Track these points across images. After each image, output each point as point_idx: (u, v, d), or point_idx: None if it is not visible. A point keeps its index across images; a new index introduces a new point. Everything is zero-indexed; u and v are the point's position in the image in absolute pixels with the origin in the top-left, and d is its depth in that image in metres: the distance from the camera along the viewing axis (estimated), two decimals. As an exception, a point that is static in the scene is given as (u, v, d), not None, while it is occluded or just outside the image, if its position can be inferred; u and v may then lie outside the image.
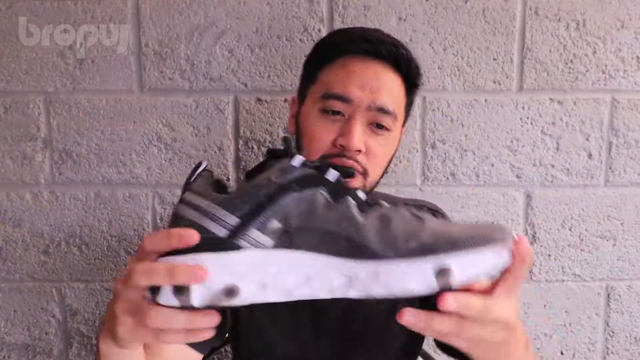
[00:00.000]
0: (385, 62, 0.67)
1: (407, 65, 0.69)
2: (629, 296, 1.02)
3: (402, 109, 0.71)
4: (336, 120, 0.66)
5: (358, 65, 0.67)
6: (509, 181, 0.99)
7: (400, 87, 0.69)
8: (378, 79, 0.66)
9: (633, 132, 0.98)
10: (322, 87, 0.68)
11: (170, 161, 0.98)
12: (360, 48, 0.67)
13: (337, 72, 0.67)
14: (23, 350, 1.03)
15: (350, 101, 0.65)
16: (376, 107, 0.65)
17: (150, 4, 0.94)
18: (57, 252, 1.00)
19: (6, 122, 0.97)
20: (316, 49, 0.73)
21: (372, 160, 0.67)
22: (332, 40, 0.72)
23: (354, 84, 0.65)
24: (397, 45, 0.68)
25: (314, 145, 0.67)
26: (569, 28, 0.95)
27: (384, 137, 0.68)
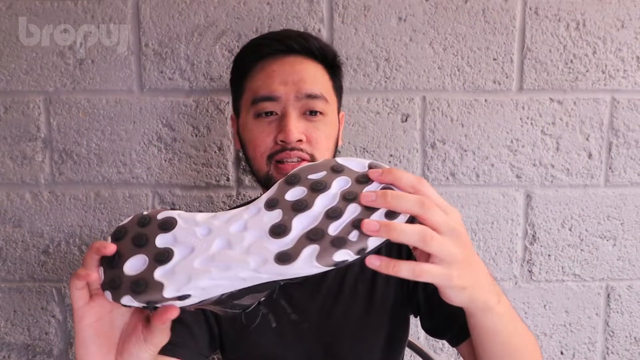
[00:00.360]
0: (300, 54, 0.71)
1: (320, 51, 0.73)
2: (629, 296, 1.02)
3: (331, 92, 0.74)
4: (271, 120, 0.70)
5: (275, 64, 0.71)
6: (509, 181, 0.99)
7: (322, 72, 0.73)
8: (298, 71, 0.70)
9: (633, 132, 0.98)
10: (250, 94, 0.72)
11: (170, 161, 0.98)
12: (273, 49, 0.71)
13: (259, 76, 0.71)
14: (23, 350, 1.03)
15: (278, 98, 0.69)
16: (304, 95, 0.69)
17: (150, 4, 0.94)
18: (57, 252, 1.00)
19: (6, 122, 0.97)
20: (234, 64, 0.77)
21: (315, 146, 0.70)
22: (246, 51, 0.75)
23: (276, 82, 0.69)
24: (305, 37, 0.72)
25: (257, 150, 0.70)
26: (569, 28, 0.95)
27: (321, 122, 0.71)
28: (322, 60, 0.73)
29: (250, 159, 0.72)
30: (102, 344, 0.46)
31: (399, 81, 0.96)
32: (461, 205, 0.99)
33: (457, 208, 0.98)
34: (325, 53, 0.73)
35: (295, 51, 0.71)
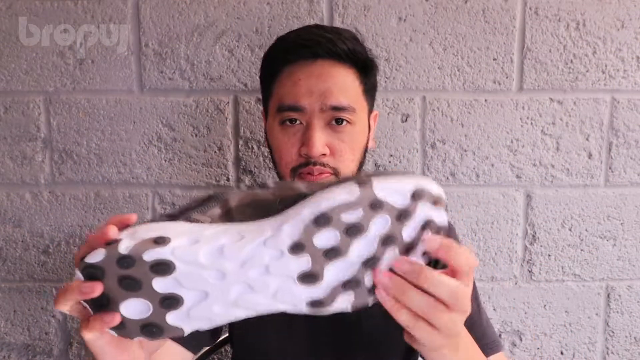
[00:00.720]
0: (328, 60, 0.68)
1: (350, 55, 0.69)
2: (629, 296, 1.02)
3: (361, 98, 0.71)
4: (296, 130, 0.68)
5: (301, 72, 0.68)
6: (509, 181, 0.99)
7: (352, 79, 0.70)
8: (324, 81, 0.67)
9: (633, 132, 0.98)
10: (276, 100, 0.70)
11: (170, 161, 0.98)
12: (299, 55, 0.68)
13: (285, 83, 0.69)
14: (23, 350, 1.03)
15: (303, 109, 0.67)
16: (329, 107, 0.66)
17: (150, 4, 0.94)
18: (57, 252, 1.00)
19: (6, 122, 0.97)
20: (263, 63, 0.75)
21: (339, 159, 0.68)
22: (273, 53, 0.73)
23: (302, 92, 0.67)
24: (333, 41, 0.68)
25: (282, 160, 0.69)
26: (569, 28, 0.95)
27: (347, 132, 0.68)
28: (353, 63, 0.70)
29: (276, 165, 0.72)
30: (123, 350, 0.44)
31: (399, 81, 0.96)
32: (461, 205, 0.99)
33: (457, 208, 0.99)
34: (356, 56, 0.70)
35: (323, 57, 0.68)
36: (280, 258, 0.39)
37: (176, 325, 0.40)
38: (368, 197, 0.38)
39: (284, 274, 0.39)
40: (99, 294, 0.38)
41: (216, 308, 0.40)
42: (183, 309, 0.40)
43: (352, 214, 0.38)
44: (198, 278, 0.38)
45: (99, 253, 0.38)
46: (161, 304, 0.39)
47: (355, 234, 0.39)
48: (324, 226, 0.38)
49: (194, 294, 0.39)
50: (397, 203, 0.39)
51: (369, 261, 0.40)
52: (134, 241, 0.38)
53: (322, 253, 0.39)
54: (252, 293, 0.40)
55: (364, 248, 0.40)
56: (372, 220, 0.39)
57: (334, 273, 0.40)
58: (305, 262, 0.39)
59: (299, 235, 0.38)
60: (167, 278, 0.38)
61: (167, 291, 0.39)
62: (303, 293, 0.40)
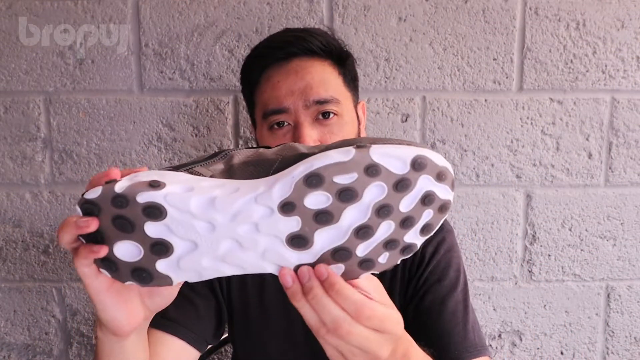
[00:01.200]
0: (302, 57, 0.69)
1: (323, 49, 0.70)
2: (629, 296, 1.02)
3: (343, 88, 0.71)
4: (285, 132, 0.68)
5: (279, 74, 0.69)
6: (509, 181, 0.99)
7: (329, 70, 0.70)
8: (302, 78, 0.68)
9: (633, 132, 0.98)
10: (260, 108, 0.71)
11: (170, 161, 0.98)
12: (274, 58, 0.69)
13: (265, 89, 0.70)
14: (23, 350, 1.03)
15: (287, 109, 0.67)
16: (313, 102, 0.67)
17: (150, 4, 0.94)
18: (57, 252, 1.00)
19: (6, 122, 0.97)
20: (241, 77, 0.76)
21: None
22: (250, 62, 0.74)
23: (282, 93, 0.67)
24: (304, 38, 0.69)
25: None
26: (569, 28, 0.95)
27: (336, 124, 0.69)
28: (328, 56, 0.70)
29: None
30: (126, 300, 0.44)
31: (399, 81, 0.96)
32: (461, 205, 0.99)
33: (457, 208, 0.99)
34: (330, 49, 0.71)
35: (296, 55, 0.69)
36: (270, 216, 0.38)
37: (165, 274, 0.40)
38: (363, 160, 0.36)
39: (273, 234, 0.38)
40: (94, 229, 0.39)
41: (205, 261, 0.39)
42: (173, 258, 0.39)
43: (345, 177, 0.36)
44: (188, 227, 0.38)
45: (97, 190, 0.39)
46: (151, 249, 0.39)
47: (347, 199, 0.37)
48: (316, 187, 0.37)
49: (184, 243, 0.39)
50: (396, 170, 0.37)
51: (361, 230, 0.38)
52: (130, 182, 0.38)
53: (312, 216, 0.37)
54: (241, 250, 0.39)
55: (357, 216, 0.38)
56: (367, 186, 0.37)
57: (324, 239, 0.38)
58: (295, 223, 0.38)
59: (289, 194, 0.37)
60: (159, 223, 0.38)
61: (157, 236, 0.38)
62: (292, 256, 0.39)
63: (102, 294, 0.42)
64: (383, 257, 0.40)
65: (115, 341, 0.47)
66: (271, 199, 0.37)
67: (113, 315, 0.44)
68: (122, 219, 0.38)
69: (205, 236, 0.38)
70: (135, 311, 0.45)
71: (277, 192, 0.37)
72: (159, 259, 0.39)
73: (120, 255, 0.40)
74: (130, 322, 0.45)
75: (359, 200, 0.37)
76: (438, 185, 0.38)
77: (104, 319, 0.44)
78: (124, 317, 0.44)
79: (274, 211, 0.37)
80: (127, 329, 0.45)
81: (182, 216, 0.38)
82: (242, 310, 0.74)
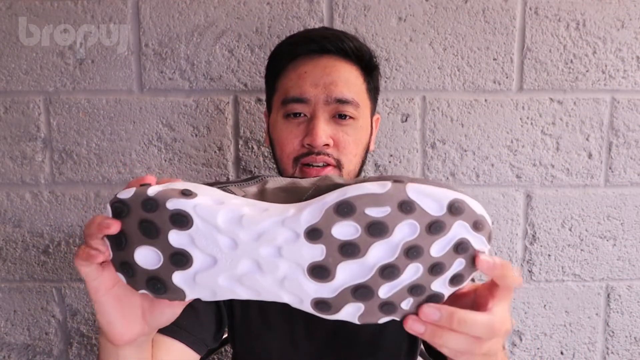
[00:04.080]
0: (334, 55, 0.69)
1: (356, 53, 0.70)
2: (629, 296, 1.02)
3: (365, 95, 0.72)
4: (300, 122, 0.68)
5: (308, 65, 0.69)
6: (509, 181, 0.99)
7: (356, 75, 0.71)
8: (330, 74, 0.68)
9: (633, 132, 0.98)
10: (281, 94, 0.70)
11: (170, 161, 0.98)
12: (306, 49, 0.70)
13: (291, 77, 0.70)
14: (23, 350, 1.03)
15: (308, 100, 0.67)
16: (334, 100, 0.67)
17: (150, 4, 0.94)
18: (57, 252, 1.00)
19: (6, 122, 0.97)
20: (269, 61, 0.76)
21: (342, 151, 0.68)
22: (280, 49, 0.74)
23: (307, 83, 0.68)
24: (341, 38, 0.70)
25: (284, 151, 0.69)
26: (569, 28, 0.95)
27: (351, 127, 0.69)
28: (358, 61, 0.71)
29: (277, 159, 0.72)
30: (125, 306, 0.44)
31: (399, 81, 0.96)
32: (461, 205, 0.99)
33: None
34: (362, 54, 0.71)
35: (330, 52, 0.69)
36: (295, 241, 0.37)
37: (180, 287, 0.39)
38: (399, 195, 0.35)
39: (295, 260, 0.37)
40: (115, 232, 0.39)
41: (221, 279, 0.39)
42: (190, 271, 0.39)
43: (378, 210, 0.35)
44: (211, 241, 0.38)
45: (130, 191, 0.38)
46: (171, 259, 0.39)
47: (377, 234, 0.35)
48: (346, 216, 0.35)
49: (204, 257, 0.38)
50: (431, 210, 0.35)
51: (386, 270, 0.36)
52: (163, 188, 0.38)
53: (338, 246, 0.36)
54: (260, 273, 0.38)
55: (384, 253, 0.36)
56: (399, 223, 0.35)
57: (346, 273, 0.37)
58: (319, 251, 0.36)
59: (318, 220, 0.36)
60: (183, 233, 0.38)
61: (179, 246, 0.38)
62: (311, 288, 0.38)
63: (101, 296, 0.42)
64: (406, 303, 0.38)
65: (111, 348, 0.47)
66: (299, 223, 0.36)
67: (108, 320, 0.44)
68: (149, 223, 0.38)
69: (226, 253, 0.38)
70: (133, 323, 0.45)
71: (305, 217, 0.36)
72: (177, 270, 0.39)
73: (140, 260, 0.39)
74: (125, 332, 0.44)
75: (388, 236, 0.36)
76: (474, 235, 0.37)
77: (100, 323, 0.44)
78: (119, 324, 0.44)
79: (299, 236, 0.36)
80: (122, 338, 0.45)
81: (207, 228, 0.37)
82: (242, 311, 0.74)
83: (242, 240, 0.37)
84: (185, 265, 0.39)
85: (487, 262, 0.38)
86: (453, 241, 0.36)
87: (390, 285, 0.37)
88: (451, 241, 0.36)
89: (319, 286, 0.38)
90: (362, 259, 0.36)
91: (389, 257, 0.36)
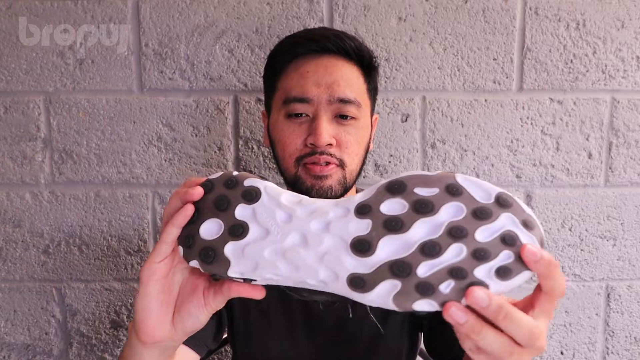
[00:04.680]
0: (335, 55, 0.70)
1: (356, 52, 0.70)
2: (629, 296, 1.02)
3: (365, 95, 0.72)
4: (302, 122, 0.68)
5: (309, 64, 0.69)
6: (509, 181, 0.99)
7: (357, 75, 0.71)
8: (332, 73, 0.68)
9: (633, 132, 0.98)
10: (282, 94, 0.70)
11: (170, 161, 0.98)
12: (308, 48, 0.69)
13: (292, 76, 0.70)
14: (23, 350, 1.03)
15: (310, 100, 0.67)
16: (336, 99, 0.67)
17: (150, 4, 0.94)
18: (57, 252, 1.00)
19: (6, 122, 0.97)
20: (269, 60, 0.75)
21: (345, 151, 0.68)
22: (281, 48, 0.74)
23: (309, 83, 0.68)
24: (342, 37, 0.70)
25: (287, 150, 0.69)
26: (569, 28, 0.95)
27: (352, 126, 0.69)
28: (358, 61, 0.71)
29: (279, 159, 0.71)
30: (164, 300, 0.46)
31: (399, 81, 0.96)
32: (461, 205, 0.99)
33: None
34: (362, 54, 0.71)
35: (331, 51, 0.69)
36: (344, 217, 0.39)
37: (228, 257, 0.42)
38: (448, 179, 0.37)
39: (339, 235, 0.39)
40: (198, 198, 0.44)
41: (267, 252, 0.41)
42: (242, 242, 0.42)
43: (426, 190, 0.37)
44: (270, 214, 0.42)
45: (218, 173, 0.45)
46: (229, 230, 0.42)
47: (423, 211, 0.37)
48: (395, 193, 0.38)
49: (259, 229, 0.42)
50: (479, 197, 0.37)
51: (427, 247, 0.36)
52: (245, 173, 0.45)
53: (383, 221, 0.37)
54: (304, 247, 0.40)
55: (428, 230, 0.37)
56: (446, 203, 0.37)
57: (388, 247, 0.37)
58: (364, 226, 0.38)
59: (368, 197, 0.39)
60: (249, 206, 0.42)
61: (242, 218, 0.42)
62: (350, 263, 0.38)
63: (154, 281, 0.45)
64: (446, 286, 0.35)
65: (138, 347, 0.48)
66: (352, 201, 0.40)
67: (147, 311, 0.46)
68: (224, 198, 0.43)
69: (280, 225, 0.41)
70: (165, 322, 0.47)
71: (359, 197, 0.40)
72: (231, 240, 0.42)
73: (203, 232, 0.43)
74: (156, 328, 0.46)
75: (433, 214, 0.37)
76: (523, 231, 0.36)
77: (136, 316, 0.46)
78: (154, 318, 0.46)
79: (349, 212, 0.39)
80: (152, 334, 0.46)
81: (270, 203, 0.42)
82: (242, 312, 0.74)
83: (297, 214, 0.41)
84: (240, 236, 0.42)
85: (532, 253, 0.36)
86: (500, 231, 0.36)
87: (430, 264, 0.36)
88: (498, 231, 0.36)
89: (358, 262, 0.38)
90: (404, 234, 0.37)
91: (431, 234, 0.37)
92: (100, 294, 1.01)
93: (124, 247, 1.00)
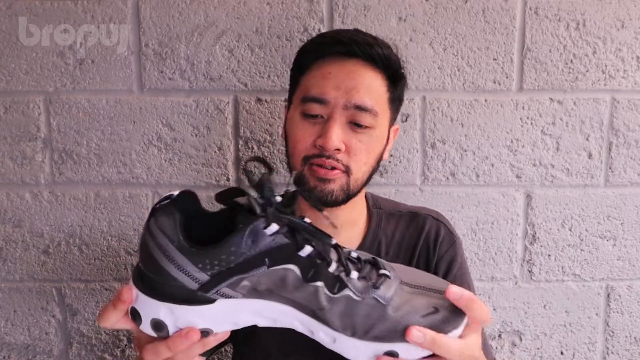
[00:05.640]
0: (361, 60, 0.68)
1: (384, 61, 0.69)
2: (629, 296, 1.02)
3: (385, 105, 0.71)
4: (316, 122, 0.68)
5: (333, 66, 0.68)
6: (509, 181, 0.99)
7: (380, 83, 0.70)
8: (353, 79, 0.67)
9: (633, 132, 0.98)
10: (302, 91, 0.70)
11: (170, 161, 0.98)
12: (334, 50, 0.69)
13: (314, 75, 0.69)
14: (23, 350, 1.03)
15: (327, 102, 0.67)
16: (353, 106, 0.67)
17: (150, 4, 0.94)
18: (57, 252, 1.00)
19: (6, 122, 0.97)
20: (297, 55, 0.75)
21: (353, 158, 0.68)
22: (309, 46, 0.73)
23: (330, 85, 0.67)
24: (371, 44, 0.69)
25: (296, 148, 0.69)
26: (569, 28, 0.95)
27: (366, 135, 0.68)
28: (385, 69, 0.70)
29: (289, 154, 0.72)
30: None
31: (399, 81, 0.96)
32: (461, 205, 0.99)
33: (457, 208, 0.98)
34: (389, 62, 0.70)
35: (358, 56, 0.68)
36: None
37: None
38: None
39: None
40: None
41: None
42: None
43: None
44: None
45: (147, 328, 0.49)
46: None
47: None
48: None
49: None
50: None
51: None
52: None
53: None
54: None
55: None
56: None
57: None
58: None
59: None
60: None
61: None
62: None
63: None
64: None
65: None
66: None
67: None
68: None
69: None
70: None
71: None
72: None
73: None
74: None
75: None
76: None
77: None
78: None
79: None
80: None
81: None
82: None
83: None
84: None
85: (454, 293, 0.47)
86: None
87: None
88: None
89: None
90: None
91: None
92: (100, 294, 1.01)
93: (124, 247, 1.00)
